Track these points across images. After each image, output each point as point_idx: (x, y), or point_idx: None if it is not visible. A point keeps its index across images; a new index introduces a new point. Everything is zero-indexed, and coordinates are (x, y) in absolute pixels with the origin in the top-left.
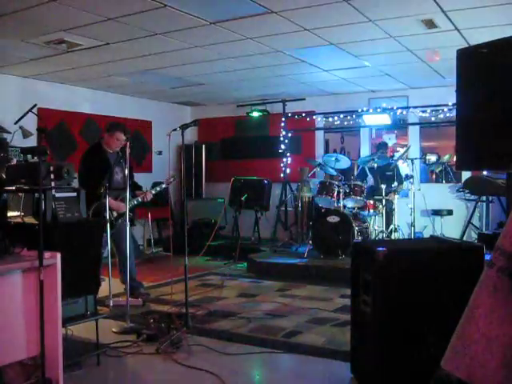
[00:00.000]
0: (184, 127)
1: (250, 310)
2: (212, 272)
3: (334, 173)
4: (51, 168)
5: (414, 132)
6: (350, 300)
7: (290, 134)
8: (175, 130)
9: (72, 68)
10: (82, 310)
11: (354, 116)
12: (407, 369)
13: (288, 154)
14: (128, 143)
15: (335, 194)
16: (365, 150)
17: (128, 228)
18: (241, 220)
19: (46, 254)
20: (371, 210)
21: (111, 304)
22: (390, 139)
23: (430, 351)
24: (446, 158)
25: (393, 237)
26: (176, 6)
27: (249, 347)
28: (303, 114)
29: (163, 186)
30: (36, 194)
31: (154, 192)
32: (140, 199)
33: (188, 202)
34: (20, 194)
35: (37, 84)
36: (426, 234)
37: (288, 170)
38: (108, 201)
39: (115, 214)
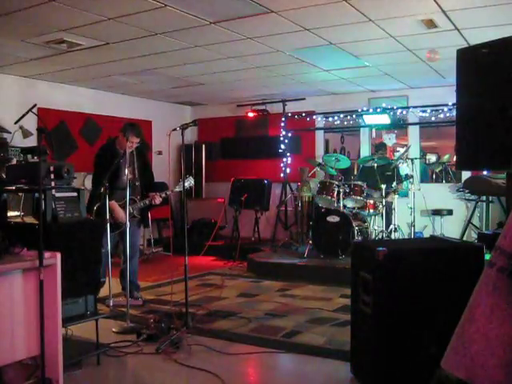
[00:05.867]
0: (184, 127)
1: (250, 310)
2: (212, 272)
3: (334, 173)
4: (51, 168)
5: (413, 132)
6: (350, 300)
7: (289, 134)
8: (175, 129)
9: (72, 68)
10: (82, 310)
11: (354, 116)
12: (407, 369)
13: (288, 154)
14: (128, 143)
15: (335, 194)
16: (365, 150)
17: (128, 230)
18: (241, 220)
19: (46, 254)
20: (371, 210)
21: (111, 304)
22: (390, 139)
23: (430, 351)
24: (445, 158)
25: (393, 237)
26: (176, 6)
27: (249, 347)
28: (303, 114)
29: (176, 189)
30: (36, 194)
31: (163, 195)
32: (148, 202)
33: (188, 201)
34: (20, 194)
35: (37, 84)
36: (426, 234)
37: (288, 170)
38: (112, 204)
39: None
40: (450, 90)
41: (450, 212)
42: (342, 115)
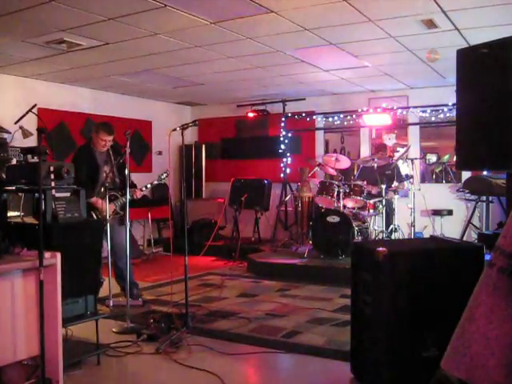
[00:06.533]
0: (184, 127)
1: (249, 310)
2: (212, 272)
3: (334, 173)
4: (51, 168)
5: (413, 132)
6: (350, 300)
7: (289, 134)
8: (175, 129)
9: (72, 68)
10: (82, 310)
11: (354, 116)
12: (407, 369)
13: (288, 154)
14: (128, 143)
15: (335, 194)
16: (365, 150)
17: (128, 228)
18: (241, 220)
19: (46, 254)
20: (371, 210)
21: (111, 304)
22: (390, 139)
23: (430, 351)
24: (445, 158)
25: (393, 237)
26: (176, 6)
27: (249, 347)
28: (303, 114)
29: (155, 182)
30: (36, 194)
31: (144, 189)
32: (129, 197)
33: (188, 201)
34: (20, 194)
35: (37, 84)
36: (426, 234)
37: (288, 170)
38: (93, 200)
39: (104, 213)
40: (450, 89)
41: (450, 212)
42: (341, 115)
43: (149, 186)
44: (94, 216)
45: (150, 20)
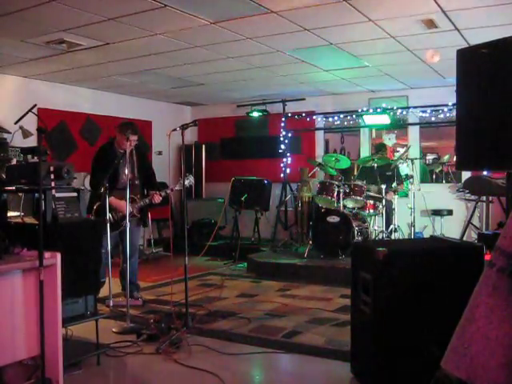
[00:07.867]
0: (184, 127)
1: (249, 310)
2: (212, 272)
3: (334, 173)
4: (51, 168)
5: (413, 132)
6: (350, 300)
7: (289, 134)
8: (175, 129)
9: (72, 68)
10: (82, 310)
11: (354, 116)
12: (407, 369)
13: (288, 154)
14: (128, 143)
15: (335, 194)
16: (365, 150)
17: (128, 228)
18: (241, 220)
19: (46, 254)
20: (371, 210)
21: (111, 304)
22: (390, 139)
23: (430, 351)
24: (445, 158)
25: (393, 237)
26: (176, 6)
27: (249, 347)
28: (303, 114)
29: (176, 187)
30: (36, 194)
31: (163, 194)
32: (147, 201)
33: (188, 202)
34: (20, 194)
35: (37, 84)
36: (426, 234)
37: (288, 170)
38: (110, 200)
39: (120, 213)
40: (450, 90)
41: (450, 212)
42: (341, 115)
43: (168, 191)
44: (111, 217)
45: (150, 20)
